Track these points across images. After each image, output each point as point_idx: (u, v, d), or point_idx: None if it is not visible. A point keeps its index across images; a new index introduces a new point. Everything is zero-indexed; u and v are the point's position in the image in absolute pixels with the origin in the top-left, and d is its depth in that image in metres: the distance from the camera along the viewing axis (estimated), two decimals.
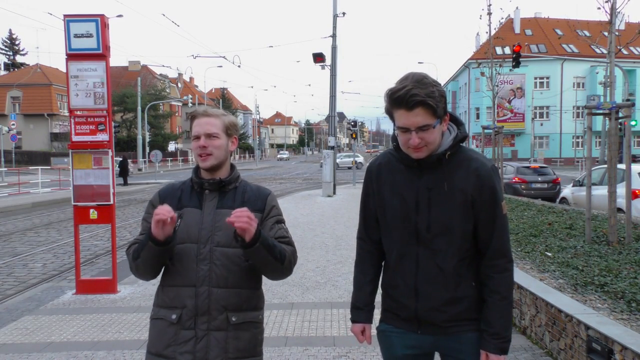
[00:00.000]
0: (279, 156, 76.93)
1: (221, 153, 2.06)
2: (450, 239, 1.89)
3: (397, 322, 2.02)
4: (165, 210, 1.85)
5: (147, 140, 46.58)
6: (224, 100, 71.37)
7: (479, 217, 1.89)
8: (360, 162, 44.31)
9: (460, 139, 1.93)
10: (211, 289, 1.97)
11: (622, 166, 7.45)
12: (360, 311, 2.13)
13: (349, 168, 41.77)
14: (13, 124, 34.59)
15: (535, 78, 52.59)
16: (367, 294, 2.13)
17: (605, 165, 8.63)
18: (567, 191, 13.49)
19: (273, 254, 1.95)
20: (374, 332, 2.14)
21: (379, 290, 2.13)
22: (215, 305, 1.97)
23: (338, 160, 42.03)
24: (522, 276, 5.01)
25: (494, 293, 1.90)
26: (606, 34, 7.07)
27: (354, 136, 27.91)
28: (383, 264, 2.12)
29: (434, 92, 1.78)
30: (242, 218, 1.82)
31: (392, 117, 1.91)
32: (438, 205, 1.89)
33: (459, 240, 1.89)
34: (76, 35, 5.92)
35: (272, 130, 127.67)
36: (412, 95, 1.76)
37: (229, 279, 1.99)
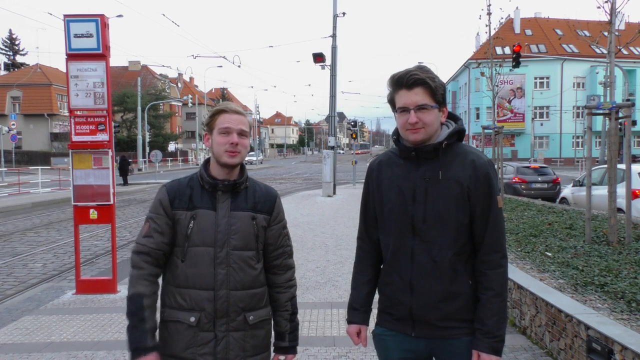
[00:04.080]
0: (247, 158, 58.92)
1: (246, 152, 2.08)
2: (445, 230, 1.89)
3: (391, 324, 2.01)
4: None
5: (147, 140, 46.55)
6: (224, 100, 71.09)
7: (475, 209, 1.90)
8: None
9: (457, 130, 1.96)
10: (230, 292, 1.99)
11: (622, 166, 7.45)
12: (356, 312, 2.12)
13: None
14: (13, 124, 34.58)
15: (535, 78, 52.59)
16: (364, 294, 2.12)
17: (605, 166, 8.63)
18: (567, 191, 13.49)
19: (296, 327, 2.21)
20: (370, 334, 2.12)
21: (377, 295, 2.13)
22: (233, 308, 1.99)
23: None
24: (522, 276, 5.01)
25: (488, 290, 1.89)
26: (606, 34, 7.07)
27: (354, 136, 27.93)
28: (382, 266, 2.11)
29: (434, 78, 1.89)
30: None
31: (394, 106, 1.95)
32: (434, 196, 1.90)
33: (454, 233, 1.89)
34: (76, 35, 5.92)
35: (272, 130, 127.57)
36: (412, 75, 1.87)
37: (245, 281, 2.02)
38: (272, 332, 2.19)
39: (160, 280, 2.07)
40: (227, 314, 1.99)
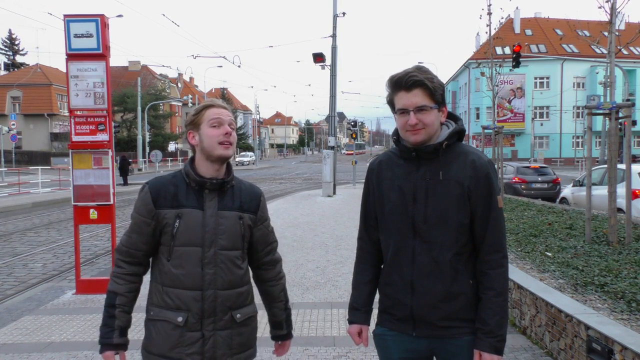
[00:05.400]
0: (238, 159, 55.21)
1: (234, 146, 2.08)
2: (446, 230, 1.89)
3: (392, 324, 2.01)
4: None
5: (147, 140, 46.54)
6: (223, 100, 71.18)
7: (475, 209, 1.90)
8: None
9: (457, 130, 1.96)
10: (217, 292, 1.98)
11: (622, 166, 7.45)
12: (357, 312, 2.12)
13: None
14: (13, 124, 34.57)
15: (535, 78, 52.60)
16: (365, 294, 2.12)
17: (605, 166, 8.63)
18: (567, 191, 13.49)
19: (290, 313, 2.33)
20: (370, 334, 2.12)
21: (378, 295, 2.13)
22: (221, 307, 1.99)
23: None
24: (522, 276, 5.01)
25: (489, 289, 1.90)
26: (606, 34, 7.07)
27: (354, 136, 27.96)
28: (382, 267, 2.11)
29: (433, 78, 1.88)
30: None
31: (393, 108, 1.96)
32: (434, 196, 1.90)
33: (455, 233, 1.89)
34: (76, 35, 5.92)
35: (272, 130, 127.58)
36: (411, 76, 1.87)
37: (232, 280, 2.02)
38: (257, 327, 2.22)
39: (143, 279, 2.12)
40: (214, 313, 1.98)
